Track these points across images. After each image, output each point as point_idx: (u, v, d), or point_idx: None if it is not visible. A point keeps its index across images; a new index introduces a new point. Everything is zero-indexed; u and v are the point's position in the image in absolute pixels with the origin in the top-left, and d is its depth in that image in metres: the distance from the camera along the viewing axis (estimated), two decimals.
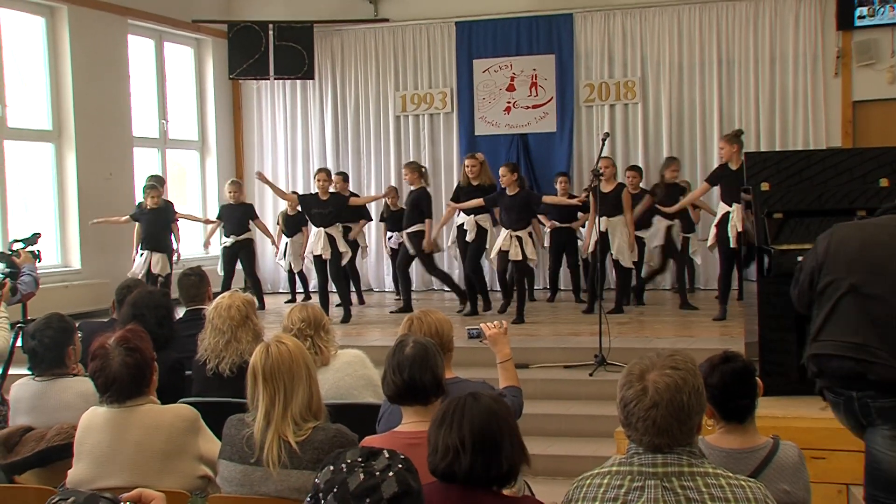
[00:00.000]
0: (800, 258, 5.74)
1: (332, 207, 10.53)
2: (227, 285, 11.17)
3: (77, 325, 5.02)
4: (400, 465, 2.21)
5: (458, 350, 4.30)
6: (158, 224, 10.70)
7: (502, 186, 10.18)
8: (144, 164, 12.80)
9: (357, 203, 11.39)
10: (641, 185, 11.29)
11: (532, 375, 7.76)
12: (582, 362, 7.99)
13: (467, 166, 10.67)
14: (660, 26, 12.67)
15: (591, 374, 7.72)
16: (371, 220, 12.49)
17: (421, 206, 10.87)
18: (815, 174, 6.26)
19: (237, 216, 11.68)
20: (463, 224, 10.59)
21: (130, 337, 3.82)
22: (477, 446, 2.66)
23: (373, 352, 5.21)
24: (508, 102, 13.26)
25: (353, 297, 11.65)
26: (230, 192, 11.73)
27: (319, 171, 10.92)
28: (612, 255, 10.21)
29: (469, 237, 10.46)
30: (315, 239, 10.58)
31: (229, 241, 11.69)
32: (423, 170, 11.35)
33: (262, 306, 11.11)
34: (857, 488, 5.05)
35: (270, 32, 13.35)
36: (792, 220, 6.03)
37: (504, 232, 10.06)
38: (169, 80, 13.42)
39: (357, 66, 13.87)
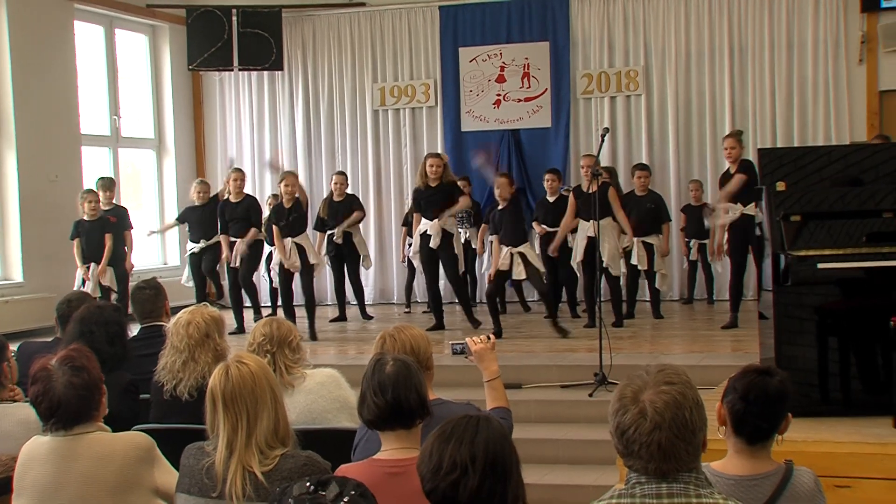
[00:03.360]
0: (820, 266, 5.81)
1: (296, 214, 10.55)
2: (201, 297, 11.04)
3: (17, 346, 5.00)
4: (353, 492, 2.21)
5: (441, 369, 4.30)
6: (97, 234, 10.66)
7: (503, 198, 10.12)
8: (94, 164, 12.77)
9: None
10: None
11: (526, 396, 7.76)
12: (580, 381, 7.99)
13: (431, 166, 10.42)
14: (665, 10, 12.73)
15: (590, 395, 7.72)
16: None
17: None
18: (836, 172, 6.27)
19: (205, 218, 11.40)
20: (426, 230, 10.46)
21: (75, 356, 3.80)
22: (488, 467, 2.64)
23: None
24: (498, 95, 13.28)
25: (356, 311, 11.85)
26: (198, 193, 11.52)
27: (286, 174, 10.97)
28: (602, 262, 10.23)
29: (434, 244, 10.37)
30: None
31: (197, 247, 11.43)
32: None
33: (240, 327, 10.93)
34: None
35: (234, 18, 13.35)
36: (811, 223, 6.04)
37: (504, 250, 10.01)
38: (121, 72, 13.42)
39: (331, 55, 13.88)
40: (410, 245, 12.24)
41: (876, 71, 12.11)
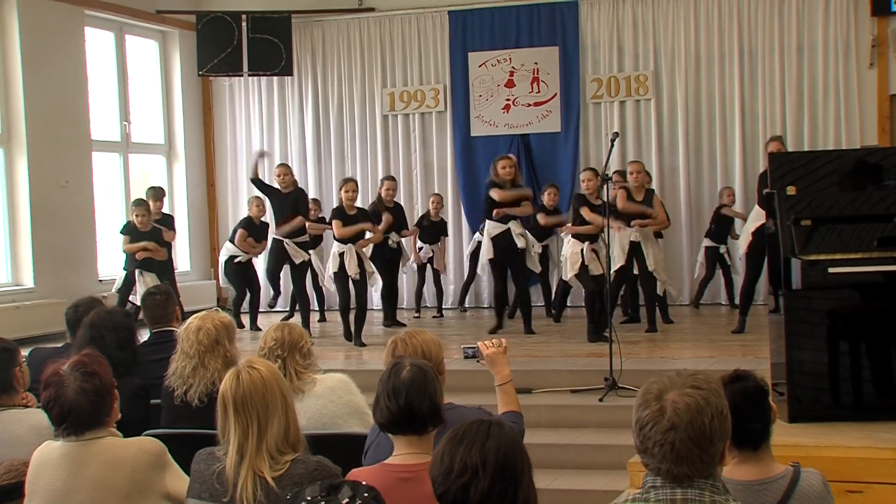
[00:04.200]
0: (831, 270, 5.80)
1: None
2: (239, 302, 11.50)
3: (28, 351, 5.02)
4: (366, 495, 2.21)
5: (452, 373, 4.30)
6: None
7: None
8: (104, 170, 12.81)
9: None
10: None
11: (536, 401, 7.75)
12: (591, 386, 7.98)
13: (503, 167, 10.47)
14: (674, 14, 12.72)
15: (601, 400, 7.71)
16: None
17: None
18: (847, 176, 6.26)
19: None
20: (499, 232, 10.49)
21: (87, 361, 3.81)
22: (499, 470, 2.65)
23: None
24: (507, 100, 13.29)
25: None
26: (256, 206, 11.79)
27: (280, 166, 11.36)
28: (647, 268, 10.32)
29: (521, 244, 10.50)
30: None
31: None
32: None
33: (254, 324, 11.35)
34: None
35: (244, 24, 13.36)
36: (822, 228, 6.03)
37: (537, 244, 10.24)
38: (131, 78, 13.44)
39: (340, 60, 13.90)
40: (421, 249, 12.33)
41: (887, 74, 12.08)
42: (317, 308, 12.45)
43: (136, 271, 10.69)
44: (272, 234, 11.38)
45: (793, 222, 6.01)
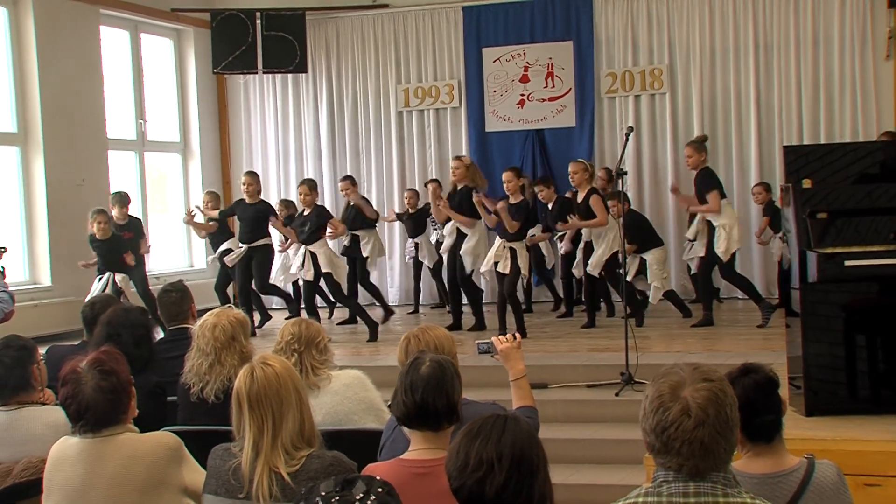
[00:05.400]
0: (847, 263, 5.77)
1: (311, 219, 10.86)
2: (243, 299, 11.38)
3: (45, 349, 5.04)
4: (380, 490, 2.22)
5: (467, 369, 4.29)
6: (114, 253, 10.66)
7: (506, 192, 10.25)
8: (120, 168, 12.85)
9: None
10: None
11: (551, 396, 7.76)
12: (607, 381, 7.98)
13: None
14: (689, 7, 12.67)
15: (617, 394, 7.71)
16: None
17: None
18: (864, 169, 6.23)
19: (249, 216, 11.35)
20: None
21: (105, 359, 3.83)
22: (514, 464, 2.66)
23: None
24: (522, 95, 13.27)
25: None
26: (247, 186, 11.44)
27: (300, 183, 11.28)
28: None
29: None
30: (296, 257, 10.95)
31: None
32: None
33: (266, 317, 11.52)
34: None
35: (258, 21, 13.39)
36: (838, 221, 6.00)
37: (497, 241, 10.13)
38: (147, 76, 13.48)
39: (354, 57, 13.91)
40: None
41: None
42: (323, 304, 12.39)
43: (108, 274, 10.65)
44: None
45: (808, 215, 5.98)
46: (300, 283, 11.35)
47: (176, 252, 13.63)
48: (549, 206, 11.49)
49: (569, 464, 6.91)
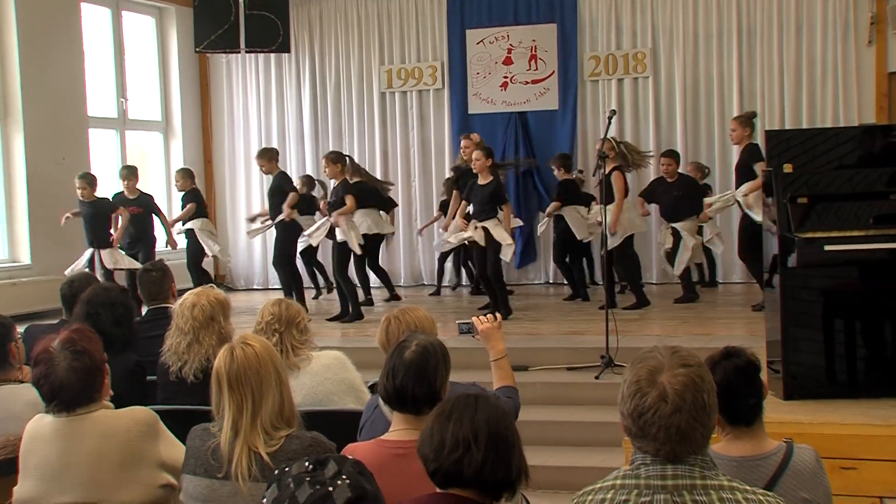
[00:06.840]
0: (827, 248, 5.80)
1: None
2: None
3: (24, 328, 5.01)
4: (351, 468, 2.21)
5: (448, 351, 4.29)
6: (98, 218, 10.72)
7: (474, 171, 10.01)
8: (101, 147, 12.77)
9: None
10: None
11: (532, 378, 7.76)
12: (587, 364, 7.99)
13: (463, 147, 10.64)
14: None
15: (597, 377, 7.72)
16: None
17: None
18: (845, 154, 6.25)
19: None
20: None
21: (76, 338, 3.78)
22: (491, 442, 2.67)
23: None
24: (505, 77, 13.25)
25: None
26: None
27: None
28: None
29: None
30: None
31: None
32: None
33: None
34: (891, 501, 5.07)
35: (241, 0, 13.30)
36: (819, 206, 6.03)
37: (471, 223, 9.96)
38: (128, 54, 13.39)
39: (338, 37, 13.87)
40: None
41: (885, 52, 12.03)
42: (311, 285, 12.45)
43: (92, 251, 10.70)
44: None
45: (789, 200, 6.00)
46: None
47: (157, 232, 13.54)
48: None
49: (548, 446, 6.92)
